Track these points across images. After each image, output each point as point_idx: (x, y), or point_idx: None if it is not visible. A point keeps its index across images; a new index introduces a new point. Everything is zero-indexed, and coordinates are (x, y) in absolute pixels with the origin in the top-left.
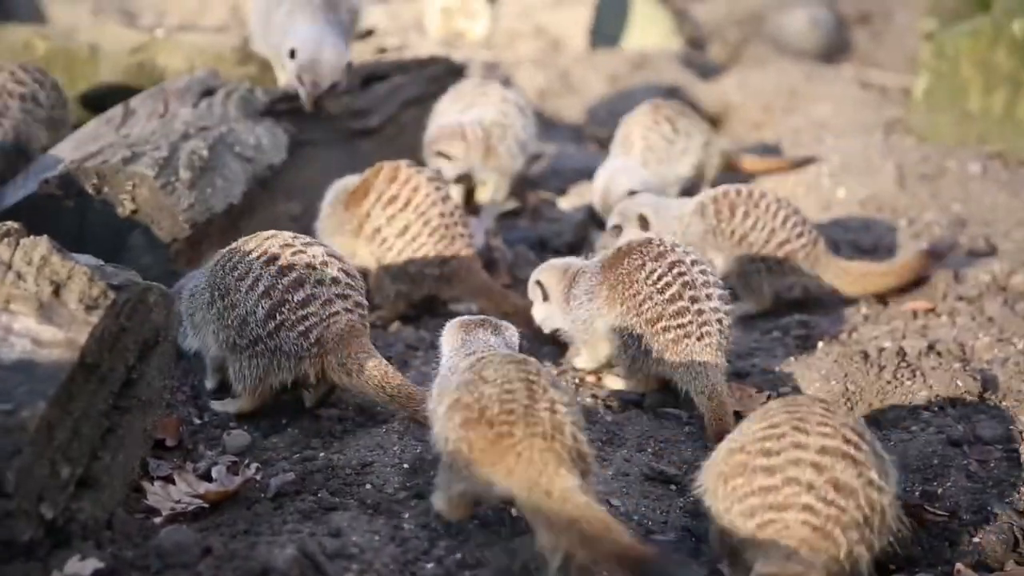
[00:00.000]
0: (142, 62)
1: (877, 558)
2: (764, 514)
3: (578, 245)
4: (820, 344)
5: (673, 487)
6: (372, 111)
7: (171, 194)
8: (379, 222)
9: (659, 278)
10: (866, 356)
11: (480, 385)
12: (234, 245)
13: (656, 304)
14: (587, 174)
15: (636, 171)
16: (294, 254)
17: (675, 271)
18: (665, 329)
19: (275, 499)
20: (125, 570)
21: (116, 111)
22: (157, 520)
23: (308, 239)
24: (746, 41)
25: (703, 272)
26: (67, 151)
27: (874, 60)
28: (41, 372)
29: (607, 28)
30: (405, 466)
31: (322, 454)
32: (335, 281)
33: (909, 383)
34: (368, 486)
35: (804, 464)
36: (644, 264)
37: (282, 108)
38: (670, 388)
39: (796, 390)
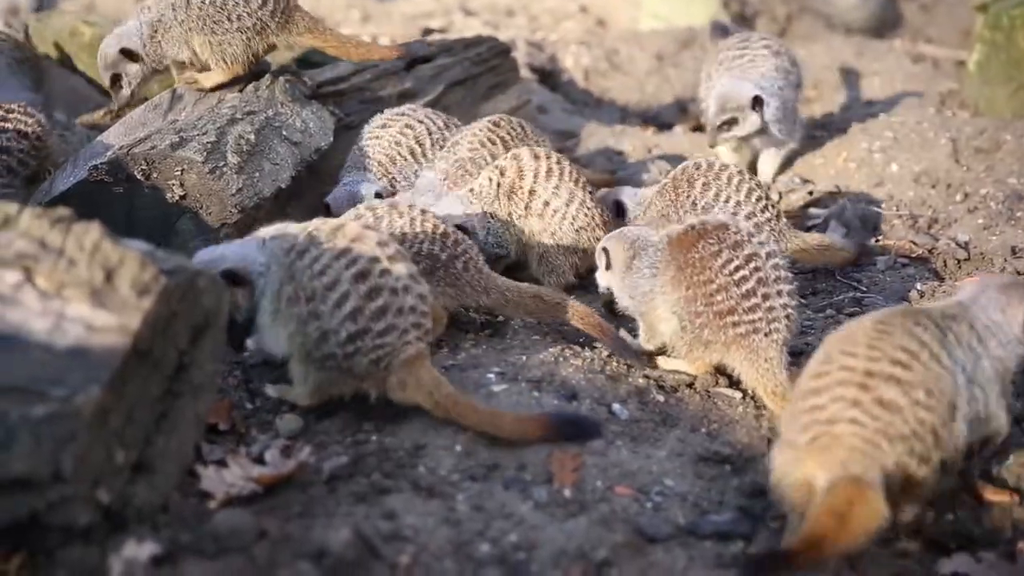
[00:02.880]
0: None
1: (935, 536)
2: (816, 428)
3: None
4: None
5: (728, 467)
6: (418, 93)
7: (219, 179)
8: (546, 195)
9: (736, 269)
10: None
11: None
12: (316, 234)
13: (731, 297)
14: (636, 155)
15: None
16: (382, 274)
17: (752, 264)
18: (735, 324)
19: (329, 482)
20: (182, 554)
21: (163, 97)
22: (212, 504)
23: (393, 250)
24: (794, 16)
25: (776, 267)
26: (116, 137)
27: (926, 33)
28: (95, 358)
29: (654, 5)
30: (458, 448)
31: (375, 437)
32: (412, 310)
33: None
34: (421, 468)
35: (850, 384)
36: (720, 251)
37: (328, 91)
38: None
39: None
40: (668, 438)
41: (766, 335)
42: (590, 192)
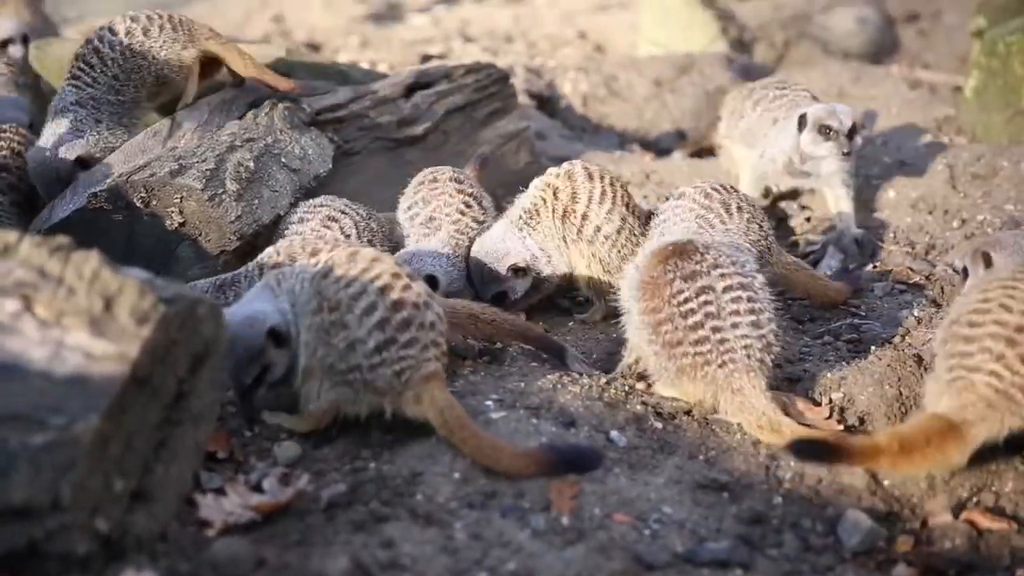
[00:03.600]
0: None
1: (933, 563)
2: (958, 371)
3: None
4: (872, 348)
5: (726, 495)
6: (417, 119)
7: (218, 206)
8: (598, 221)
9: (684, 301)
10: (920, 360)
11: None
12: (337, 255)
13: (677, 328)
14: (635, 181)
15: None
16: (404, 288)
17: (702, 298)
18: (684, 354)
19: (327, 510)
20: None
21: (163, 124)
22: (210, 532)
23: (409, 270)
24: (792, 42)
25: (736, 300)
26: (115, 164)
27: (923, 59)
28: (94, 386)
29: (651, 31)
30: (456, 475)
31: (372, 464)
32: (432, 326)
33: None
34: (419, 496)
35: (999, 338)
36: (673, 281)
37: (327, 118)
38: None
39: (848, 396)
40: (666, 465)
41: (720, 367)
42: (638, 216)
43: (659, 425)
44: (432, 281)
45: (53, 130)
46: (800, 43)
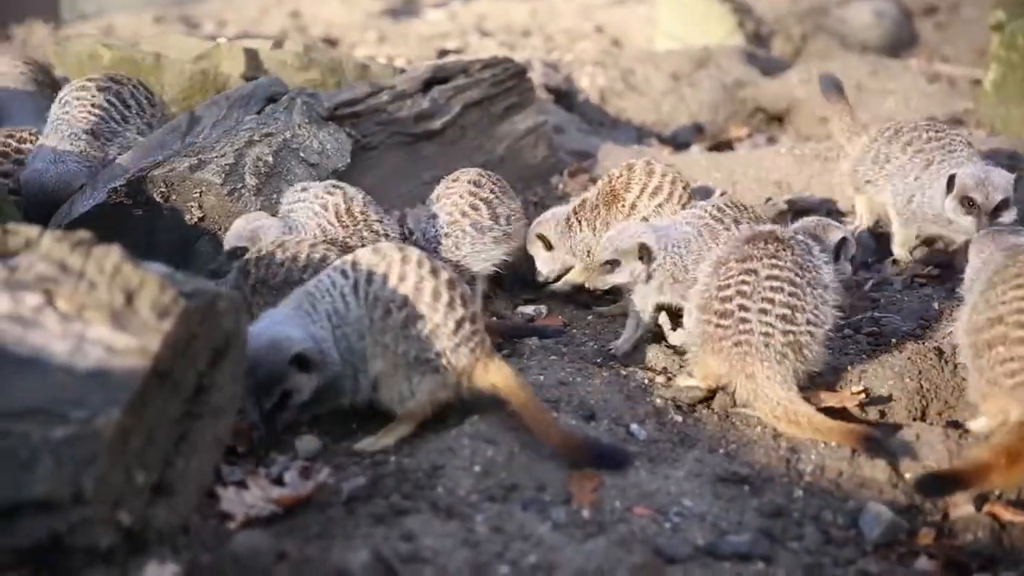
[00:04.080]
0: (205, 70)
1: (955, 556)
2: (1021, 376)
3: None
4: (893, 341)
5: (747, 487)
6: (434, 114)
7: (237, 200)
8: (645, 212)
9: (727, 274)
10: (940, 353)
11: None
12: (362, 257)
13: (712, 298)
14: None
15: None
16: (443, 268)
17: (741, 277)
18: (707, 321)
19: (348, 503)
20: (202, 575)
21: (182, 119)
22: (231, 525)
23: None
24: (810, 35)
25: (774, 289)
26: (134, 160)
27: (941, 53)
28: (115, 380)
29: (668, 25)
30: (476, 469)
31: (393, 458)
32: (471, 299)
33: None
34: (440, 489)
35: None
36: (729, 259)
37: (345, 113)
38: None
39: (869, 390)
40: (686, 458)
41: (734, 344)
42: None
43: (679, 418)
44: None
45: (56, 150)
46: (817, 36)
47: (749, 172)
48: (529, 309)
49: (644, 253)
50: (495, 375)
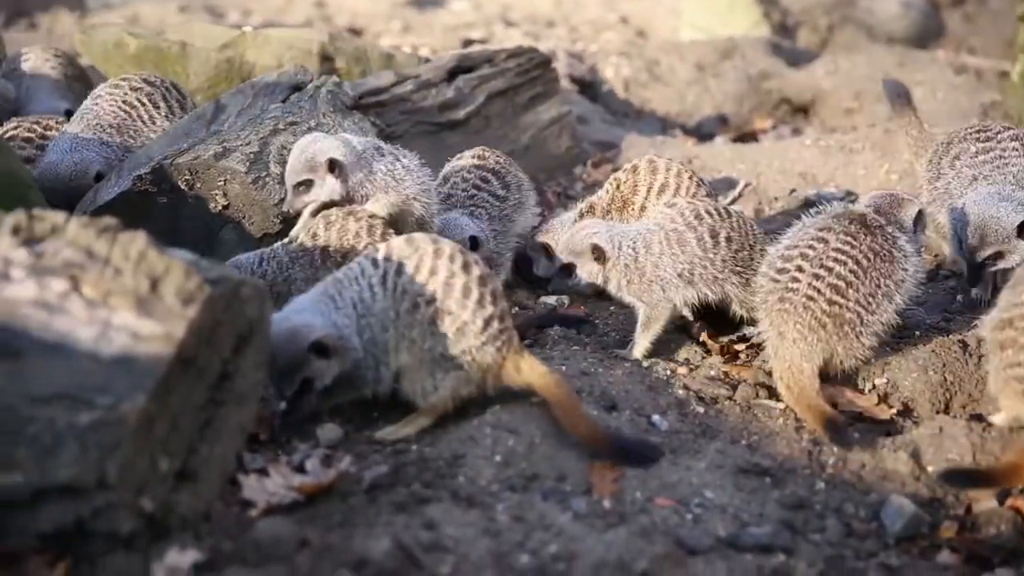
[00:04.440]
0: (231, 58)
1: (977, 550)
2: None
3: None
4: (916, 334)
5: (768, 479)
6: (459, 103)
7: (262, 189)
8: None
9: (799, 237)
10: (964, 346)
11: None
12: (396, 247)
13: (779, 256)
14: None
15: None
16: (476, 263)
17: (807, 242)
18: (764, 274)
19: (369, 491)
20: (224, 562)
21: (207, 108)
22: (253, 513)
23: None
24: (836, 27)
25: (837, 261)
26: (160, 148)
27: (968, 44)
28: (140, 366)
29: (693, 16)
30: (497, 458)
31: (414, 447)
32: (502, 295)
33: None
34: (461, 478)
35: None
36: (808, 227)
37: (370, 102)
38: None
39: (892, 381)
40: (708, 450)
41: (779, 299)
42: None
43: (701, 409)
44: (474, 242)
45: (74, 138)
46: (844, 28)
47: (774, 163)
48: (551, 299)
49: (598, 254)
50: (529, 374)
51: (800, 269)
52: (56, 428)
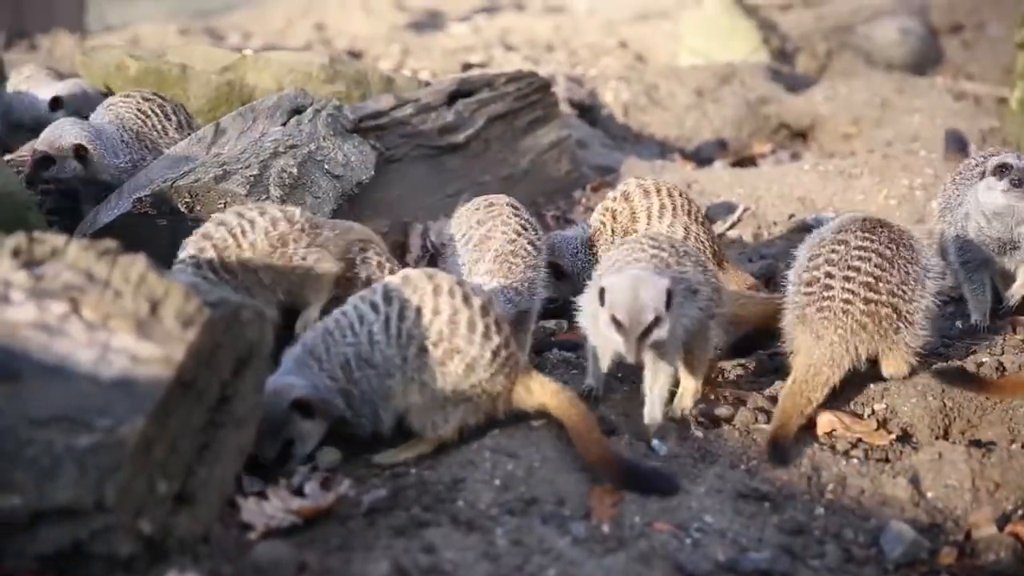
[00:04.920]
0: (231, 81)
1: None
2: None
3: None
4: None
5: (767, 504)
6: (459, 127)
7: None
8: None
9: (818, 248)
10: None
11: None
12: (398, 288)
13: (806, 270)
14: None
15: None
16: (474, 292)
17: (830, 247)
18: (796, 291)
19: (368, 515)
20: None
21: (207, 130)
22: (252, 536)
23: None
24: (835, 52)
25: (861, 259)
26: (160, 170)
27: (967, 70)
28: (139, 388)
29: (692, 41)
30: (496, 482)
31: (413, 470)
32: (504, 320)
33: (1008, 399)
34: (460, 502)
35: None
36: (824, 235)
37: (369, 125)
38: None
39: (891, 407)
40: (707, 474)
41: (818, 310)
42: (703, 223)
43: (700, 434)
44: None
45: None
46: (843, 53)
47: (772, 188)
48: (551, 323)
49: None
50: (541, 394)
51: (830, 276)
52: (55, 450)
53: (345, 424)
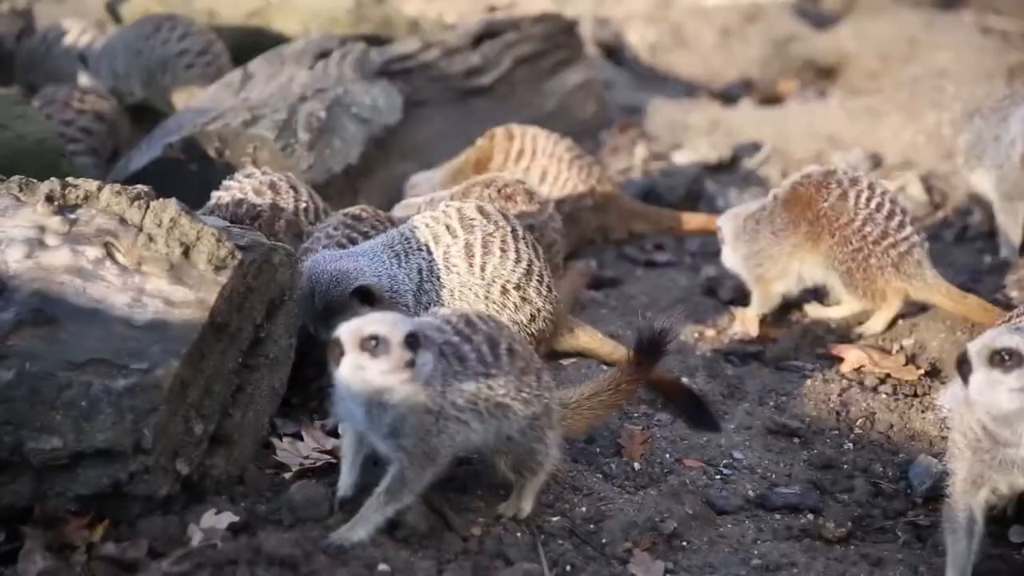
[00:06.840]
0: (258, 26)
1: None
2: None
3: (691, 198)
4: None
5: (796, 440)
6: (485, 69)
7: (290, 156)
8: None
9: (868, 200)
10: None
11: None
12: (481, 222)
13: (877, 223)
14: (703, 129)
15: None
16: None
17: (879, 190)
18: (893, 244)
19: None
20: (259, 524)
21: (235, 75)
22: (287, 476)
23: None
24: None
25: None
26: (189, 116)
27: (994, 5)
28: (173, 332)
29: None
30: None
31: None
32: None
33: None
34: None
35: None
36: (846, 192)
37: (396, 68)
38: (785, 342)
39: (919, 342)
40: (736, 411)
41: (921, 247)
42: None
43: (729, 371)
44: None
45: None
46: None
47: (799, 126)
48: (580, 264)
49: None
50: (581, 335)
51: (893, 214)
52: (92, 393)
53: None
